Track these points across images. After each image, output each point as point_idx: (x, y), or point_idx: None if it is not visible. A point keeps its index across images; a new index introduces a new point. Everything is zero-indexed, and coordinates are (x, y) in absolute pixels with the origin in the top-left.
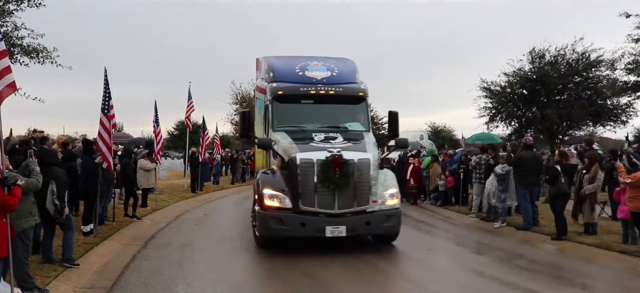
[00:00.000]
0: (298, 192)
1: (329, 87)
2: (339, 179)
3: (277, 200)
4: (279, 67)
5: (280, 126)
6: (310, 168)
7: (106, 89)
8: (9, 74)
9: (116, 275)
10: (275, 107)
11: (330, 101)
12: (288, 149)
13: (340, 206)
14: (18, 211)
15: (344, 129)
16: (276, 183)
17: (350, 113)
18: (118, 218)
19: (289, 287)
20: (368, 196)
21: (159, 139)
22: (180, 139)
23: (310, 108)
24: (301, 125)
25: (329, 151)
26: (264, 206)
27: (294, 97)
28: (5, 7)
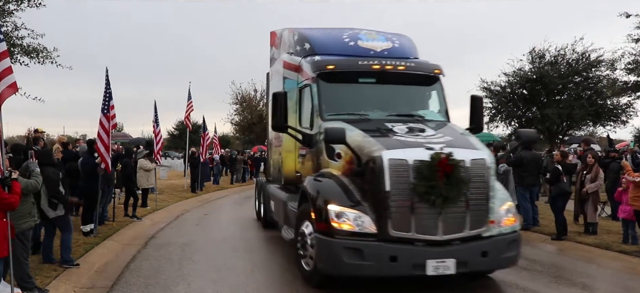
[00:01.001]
0: (385, 209)
1: (397, 62)
2: (447, 190)
3: (352, 222)
4: (319, 37)
5: (332, 114)
6: (403, 172)
7: (107, 89)
8: (10, 74)
9: (116, 275)
10: (322, 88)
11: (397, 80)
12: (363, 146)
13: (447, 229)
14: (17, 212)
15: (420, 118)
16: (347, 195)
17: (422, 96)
18: (118, 218)
19: (289, 287)
20: (485, 215)
21: (159, 139)
22: (180, 139)
23: (371, 90)
24: (362, 112)
25: (426, 148)
26: (332, 229)
27: (349, 75)
28: (5, 7)
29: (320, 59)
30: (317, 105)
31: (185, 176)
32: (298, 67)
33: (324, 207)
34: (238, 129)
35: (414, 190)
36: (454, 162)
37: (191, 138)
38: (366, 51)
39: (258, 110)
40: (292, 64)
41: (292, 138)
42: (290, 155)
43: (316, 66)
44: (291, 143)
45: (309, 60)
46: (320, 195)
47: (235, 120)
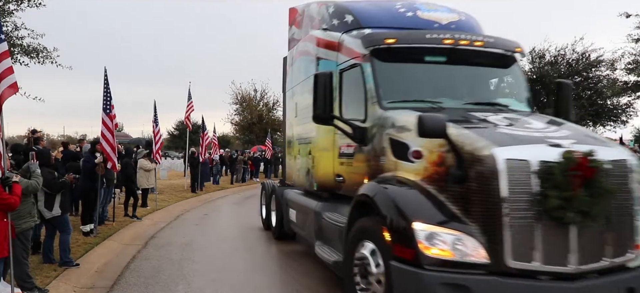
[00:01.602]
0: (499, 230)
1: (473, 37)
2: (588, 203)
3: (450, 247)
4: (365, 7)
5: (393, 101)
6: (524, 177)
7: (106, 89)
8: (11, 74)
9: (116, 275)
10: (378, 68)
11: (471, 59)
12: (464, 141)
13: (582, 258)
14: (18, 212)
15: (505, 108)
16: (439, 210)
17: (498, 81)
18: (118, 218)
19: (289, 287)
20: (631, 237)
21: (158, 139)
22: (180, 139)
23: (437, 72)
24: (433, 100)
25: (550, 144)
26: (421, 258)
27: (413, 52)
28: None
29: (374, 33)
30: (372, 90)
31: (185, 176)
32: (338, 45)
33: (407, 226)
34: (238, 129)
35: (541, 202)
36: (596, 164)
37: (191, 138)
38: (428, 24)
39: (258, 110)
40: (329, 41)
41: (330, 132)
42: (326, 155)
43: (369, 40)
44: (328, 139)
45: (357, 34)
46: (398, 207)
47: (235, 120)
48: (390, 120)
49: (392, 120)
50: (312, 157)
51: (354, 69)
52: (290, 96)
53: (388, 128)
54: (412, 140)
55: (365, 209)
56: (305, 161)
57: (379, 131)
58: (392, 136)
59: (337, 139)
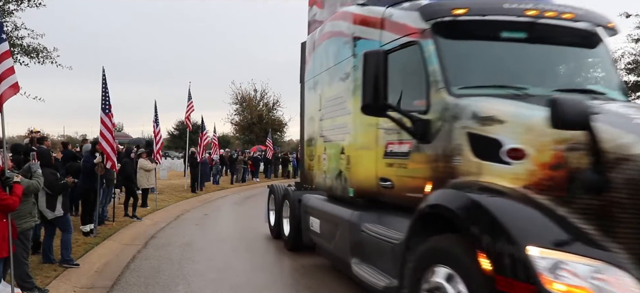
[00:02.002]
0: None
1: (560, 8)
2: None
3: (588, 282)
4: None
5: (465, 87)
6: None
7: (105, 89)
8: (13, 74)
9: (116, 275)
10: (443, 47)
11: (554, 36)
12: (608, 136)
13: None
14: (18, 212)
15: (601, 95)
16: (562, 230)
17: (583, 64)
18: (118, 218)
19: (289, 287)
20: None
21: (159, 139)
22: (180, 139)
23: (514, 51)
24: (514, 85)
25: None
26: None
27: (488, 26)
28: (5, 7)
29: (436, 3)
30: (436, 73)
31: (185, 176)
32: (382, 21)
33: (518, 250)
34: (238, 129)
35: None
36: None
37: (191, 138)
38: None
39: (258, 110)
40: (370, 17)
41: (370, 127)
42: (367, 154)
43: (431, 12)
44: (369, 135)
45: (411, 6)
46: (502, 224)
47: (235, 120)
48: (469, 110)
49: (472, 110)
50: (346, 157)
51: (407, 49)
52: (311, 87)
53: (465, 120)
54: (508, 135)
55: (434, 223)
56: (335, 162)
57: (449, 124)
58: (473, 130)
59: (382, 135)
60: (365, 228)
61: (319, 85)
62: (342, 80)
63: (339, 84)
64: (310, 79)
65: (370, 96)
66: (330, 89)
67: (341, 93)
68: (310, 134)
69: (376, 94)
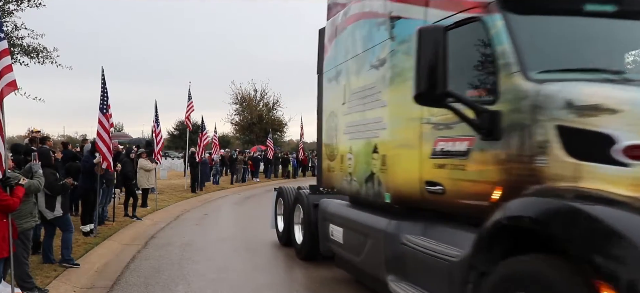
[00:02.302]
0: None
1: None
2: None
3: None
4: None
5: (547, 72)
6: None
7: (103, 89)
8: (10, 72)
9: (116, 275)
10: (514, 23)
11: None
12: None
13: None
14: (19, 212)
15: None
16: None
17: None
18: (118, 218)
19: (289, 287)
20: None
21: (159, 139)
22: (180, 139)
23: (607, 28)
24: (608, 69)
25: None
26: None
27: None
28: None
29: None
30: (507, 54)
31: (185, 176)
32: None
33: None
34: (238, 129)
35: None
36: None
37: (191, 138)
38: None
39: (258, 110)
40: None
41: (413, 121)
42: (408, 153)
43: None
44: (412, 131)
45: None
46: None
47: (235, 120)
48: (560, 98)
49: (565, 98)
50: (381, 157)
51: (465, 27)
52: (332, 78)
53: (554, 111)
54: (625, 128)
55: (507, 239)
56: (364, 163)
57: (528, 115)
58: (568, 123)
59: (429, 131)
60: (407, 241)
61: (343, 75)
62: (374, 68)
63: (370, 73)
64: (331, 70)
65: (425, 82)
66: (359, 79)
67: (374, 83)
68: (330, 131)
69: (434, 80)
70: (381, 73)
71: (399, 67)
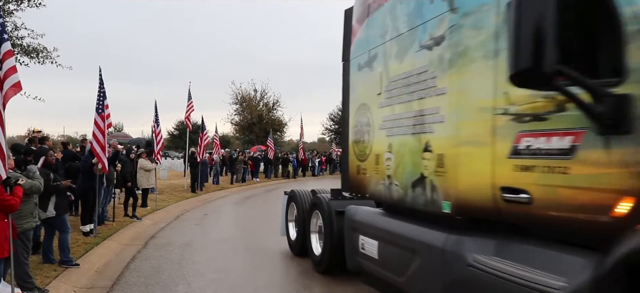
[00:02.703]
0: None
1: None
2: None
3: None
4: None
5: None
6: None
7: (101, 89)
8: (15, 73)
9: (116, 275)
10: None
11: None
12: None
13: None
14: (19, 212)
15: None
16: None
17: None
18: (118, 218)
19: (288, 287)
20: None
21: (159, 139)
22: (180, 139)
23: None
24: None
25: None
26: None
27: None
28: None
29: None
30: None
31: (185, 176)
32: None
33: None
34: (238, 129)
35: None
36: None
37: (191, 138)
38: None
39: (258, 110)
40: None
41: (483, 112)
42: (477, 152)
43: None
44: (482, 124)
45: None
46: None
47: (235, 120)
48: None
49: None
50: (436, 157)
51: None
52: (363, 64)
53: None
54: None
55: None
56: (411, 164)
57: None
58: None
59: (506, 123)
60: (476, 262)
61: (379, 60)
62: (426, 48)
63: (419, 55)
64: (362, 54)
65: (527, 56)
66: (402, 63)
67: (425, 67)
68: (360, 127)
69: (540, 55)
70: (436, 54)
71: (463, 45)
